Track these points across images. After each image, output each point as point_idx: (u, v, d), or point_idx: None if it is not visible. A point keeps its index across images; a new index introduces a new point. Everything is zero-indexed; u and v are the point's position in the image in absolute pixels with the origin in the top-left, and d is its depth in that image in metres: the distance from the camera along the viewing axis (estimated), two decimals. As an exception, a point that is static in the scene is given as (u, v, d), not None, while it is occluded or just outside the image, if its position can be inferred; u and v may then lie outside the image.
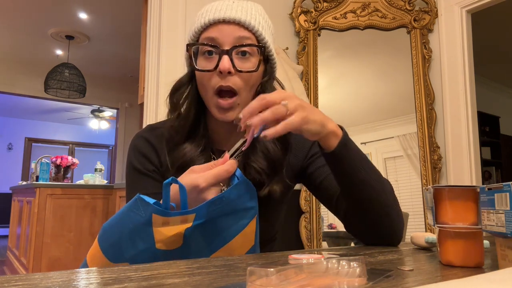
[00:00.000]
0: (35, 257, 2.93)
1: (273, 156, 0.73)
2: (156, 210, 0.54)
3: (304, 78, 2.29)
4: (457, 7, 2.27)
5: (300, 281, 0.34)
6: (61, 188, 3.18)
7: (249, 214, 0.59)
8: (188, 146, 0.73)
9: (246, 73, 0.70)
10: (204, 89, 0.72)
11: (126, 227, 0.56)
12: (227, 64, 0.67)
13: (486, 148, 4.99)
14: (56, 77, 4.40)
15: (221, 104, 0.70)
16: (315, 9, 2.36)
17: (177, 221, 0.55)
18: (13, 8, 3.89)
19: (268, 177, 0.72)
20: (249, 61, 0.71)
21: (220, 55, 0.68)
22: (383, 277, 0.40)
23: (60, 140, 8.52)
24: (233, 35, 0.69)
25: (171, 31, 1.96)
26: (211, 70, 0.69)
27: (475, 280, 0.30)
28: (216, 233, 0.58)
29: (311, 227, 2.14)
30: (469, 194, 0.50)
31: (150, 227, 0.54)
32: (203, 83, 0.72)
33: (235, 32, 0.69)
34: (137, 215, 0.55)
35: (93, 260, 0.60)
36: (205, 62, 0.70)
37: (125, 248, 0.56)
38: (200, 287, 0.37)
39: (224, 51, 0.68)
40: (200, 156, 0.73)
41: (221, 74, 0.68)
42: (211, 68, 0.69)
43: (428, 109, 2.21)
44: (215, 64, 0.68)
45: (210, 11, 0.71)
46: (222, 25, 0.69)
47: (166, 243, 0.56)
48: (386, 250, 0.66)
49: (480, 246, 0.50)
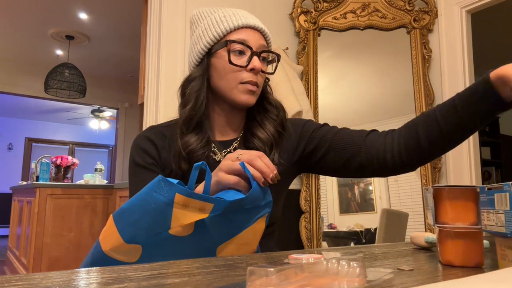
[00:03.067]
0: (35, 257, 2.93)
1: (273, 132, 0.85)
2: (180, 190, 0.58)
3: (304, 78, 2.29)
4: (457, 7, 2.27)
5: (300, 281, 0.34)
6: (61, 188, 3.18)
7: (262, 211, 0.64)
8: (194, 137, 0.81)
9: (264, 74, 0.84)
10: (229, 81, 0.82)
11: (147, 207, 0.58)
12: (259, 64, 0.81)
13: (486, 148, 4.99)
14: (56, 77, 4.40)
15: (249, 87, 0.81)
16: (315, 9, 2.36)
17: (196, 207, 0.58)
18: (13, 8, 3.89)
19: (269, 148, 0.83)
20: (268, 65, 0.86)
21: (252, 55, 0.81)
22: (383, 277, 0.40)
23: (60, 140, 8.52)
24: (259, 42, 0.83)
25: (171, 31, 1.96)
26: (243, 67, 0.81)
27: (475, 280, 0.30)
28: (228, 225, 0.61)
29: (311, 227, 2.14)
30: (469, 194, 0.50)
31: (171, 208, 0.58)
32: (229, 76, 0.82)
33: (260, 39, 0.83)
34: (159, 195, 0.58)
35: (106, 240, 0.62)
36: (237, 59, 0.81)
37: (141, 230, 0.59)
38: (200, 287, 0.37)
39: (256, 53, 0.81)
40: (203, 147, 0.81)
41: (253, 71, 0.81)
42: (243, 64, 0.81)
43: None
44: (245, 62, 0.81)
45: (238, 16, 0.83)
46: (251, 30, 0.82)
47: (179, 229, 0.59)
48: (386, 250, 0.66)
49: (480, 246, 0.50)
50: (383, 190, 2.23)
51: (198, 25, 0.87)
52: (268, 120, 0.87)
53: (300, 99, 2.02)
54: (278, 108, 0.89)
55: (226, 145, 0.87)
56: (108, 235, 0.61)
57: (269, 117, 0.87)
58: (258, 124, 0.86)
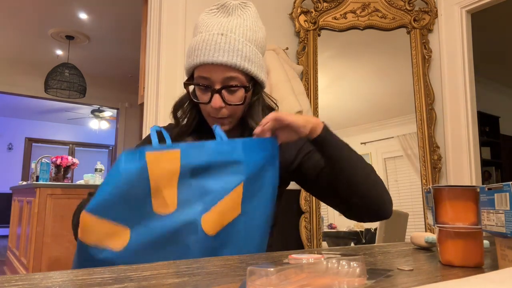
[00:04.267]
0: (35, 257, 2.93)
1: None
2: (148, 148, 0.61)
3: (304, 78, 2.29)
4: (457, 7, 2.27)
5: (300, 281, 0.34)
6: (61, 188, 3.18)
7: (234, 177, 0.66)
8: (191, 138, 0.87)
9: (234, 105, 0.83)
10: (202, 111, 0.88)
11: (123, 185, 0.60)
12: (218, 101, 0.81)
13: (486, 148, 4.99)
14: (56, 77, 4.40)
15: (219, 121, 0.85)
16: (315, 9, 2.36)
17: (167, 158, 0.62)
18: (13, 8, 3.89)
19: None
20: (237, 95, 0.83)
21: (212, 93, 0.81)
22: (383, 277, 0.40)
23: (60, 140, 8.52)
24: (222, 76, 0.80)
25: (171, 31, 1.96)
26: (206, 103, 0.83)
27: (475, 280, 0.30)
28: (206, 195, 0.64)
29: (311, 227, 2.14)
30: (469, 194, 0.50)
31: (147, 173, 0.60)
32: (201, 109, 0.88)
33: (224, 73, 0.80)
34: (132, 163, 0.60)
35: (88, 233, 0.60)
36: (201, 95, 0.85)
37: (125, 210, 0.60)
38: (200, 287, 0.37)
39: (215, 90, 0.81)
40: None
41: (213, 108, 0.82)
42: (206, 101, 0.83)
43: (428, 109, 2.21)
44: (208, 98, 0.82)
45: (202, 50, 0.80)
46: (212, 67, 0.80)
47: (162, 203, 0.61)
48: (386, 250, 0.66)
49: (480, 246, 0.50)
50: (383, 190, 2.23)
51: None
52: None
53: (300, 99, 2.02)
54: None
55: None
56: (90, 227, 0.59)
57: None
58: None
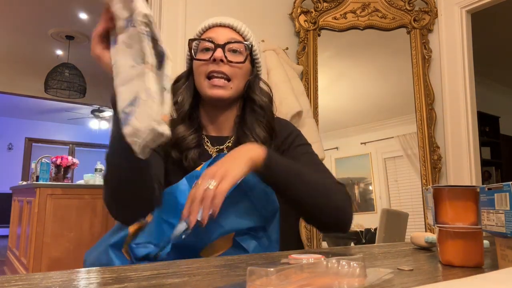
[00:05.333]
0: (35, 257, 2.92)
1: (260, 138, 0.86)
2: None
3: (304, 78, 2.29)
4: (457, 7, 2.27)
5: (300, 281, 0.34)
6: (61, 188, 3.18)
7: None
8: (182, 127, 0.86)
9: (236, 64, 0.85)
10: (198, 77, 0.87)
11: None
12: (220, 53, 0.83)
13: (486, 148, 4.99)
14: (56, 77, 4.40)
15: (213, 82, 0.84)
16: (315, 9, 2.36)
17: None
18: (13, 8, 3.89)
19: None
20: (238, 56, 0.87)
21: (215, 48, 0.84)
22: (383, 277, 0.40)
23: (60, 140, 8.51)
24: (227, 36, 0.86)
25: (171, 31, 1.96)
26: (207, 60, 0.84)
27: (475, 280, 0.30)
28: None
29: (311, 227, 2.14)
30: (469, 194, 0.50)
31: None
32: (197, 72, 0.87)
33: (228, 34, 0.87)
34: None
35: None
36: (203, 55, 0.86)
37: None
38: (200, 287, 0.37)
39: (218, 45, 0.84)
40: (192, 135, 0.85)
41: (215, 62, 0.83)
42: (207, 58, 0.84)
43: (428, 109, 2.21)
44: (211, 55, 0.84)
45: (210, 19, 0.89)
46: (219, 28, 0.88)
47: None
48: (386, 250, 0.66)
49: (480, 246, 0.50)
50: (383, 190, 2.23)
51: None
52: (257, 123, 0.88)
53: (300, 99, 2.02)
54: (264, 109, 0.89)
55: (219, 141, 0.90)
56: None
57: (258, 120, 0.88)
58: (248, 128, 0.87)
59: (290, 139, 0.90)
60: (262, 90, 0.92)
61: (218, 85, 0.84)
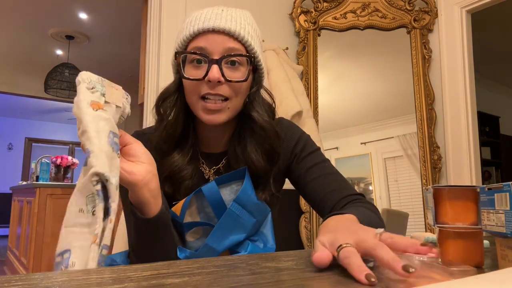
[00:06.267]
0: (35, 257, 2.92)
1: (257, 167, 0.74)
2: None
3: (304, 78, 2.29)
4: (457, 7, 2.27)
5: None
6: (61, 188, 3.18)
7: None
8: (176, 156, 0.74)
9: (235, 83, 0.70)
10: (190, 97, 0.72)
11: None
12: (217, 73, 0.67)
13: (486, 148, 4.99)
14: (56, 77, 4.40)
15: (208, 106, 0.69)
16: (315, 9, 2.36)
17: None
18: (13, 8, 3.89)
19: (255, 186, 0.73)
20: (239, 71, 0.71)
21: (210, 65, 0.68)
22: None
23: (60, 140, 8.51)
24: (223, 45, 0.69)
25: (171, 31, 1.96)
26: (200, 79, 0.69)
27: (475, 280, 0.30)
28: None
29: (311, 227, 2.14)
30: (469, 194, 0.50)
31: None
32: (188, 91, 0.72)
33: (224, 43, 0.69)
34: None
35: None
36: (193, 70, 0.70)
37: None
38: (200, 287, 0.37)
39: (213, 60, 0.68)
40: (188, 165, 0.75)
41: (210, 83, 0.68)
42: (200, 77, 0.69)
43: (428, 109, 2.21)
44: (204, 73, 0.68)
45: (199, 20, 0.70)
46: (212, 35, 0.69)
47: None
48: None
49: (480, 246, 0.50)
50: (383, 190, 2.23)
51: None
52: (256, 148, 0.75)
53: (300, 99, 2.02)
54: (265, 130, 0.75)
55: (213, 159, 0.80)
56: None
57: (258, 143, 0.75)
58: (244, 153, 0.75)
59: (297, 149, 0.81)
60: (264, 103, 0.78)
61: (213, 110, 0.69)
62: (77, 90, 0.53)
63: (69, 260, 0.48)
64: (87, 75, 0.55)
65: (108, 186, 0.51)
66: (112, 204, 0.50)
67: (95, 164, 0.50)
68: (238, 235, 0.70)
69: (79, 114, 0.52)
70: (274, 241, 0.76)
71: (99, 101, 0.54)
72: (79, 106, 0.52)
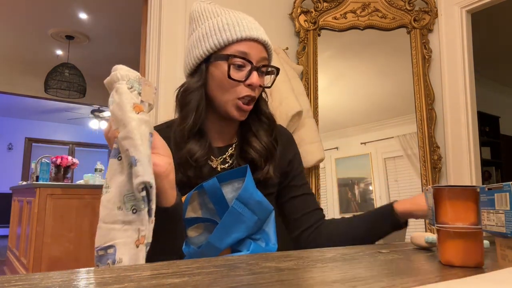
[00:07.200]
0: (35, 257, 2.92)
1: (268, 144, 0.85)
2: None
3: (304, 78, 2.29)
4: (457, 7, 2.27)
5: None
6: (61, 188, 3.18)
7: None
8: (196, 145, 0.80)
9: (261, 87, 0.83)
10: (225, 94, 0.80)
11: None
12: (258, 80, 0.79)
13: (486, 148, 4.99)
14: (56, 77, 4.40)
15: (244, 107, 0.80)
16: (315, 9, 2.36)
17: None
18: (13, 8, 3.89)
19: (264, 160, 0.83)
20: (266, 78, 0.85)
21: (251, 70, 0.79)
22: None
23: (60, 140, 8.51)
24: (260, 55, 0.80)
25: (171, 31, 1.96)
26: (242, 81, 0.79)
27: (475, 280, 0.30)
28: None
29: (311, 227, 2.14)
30: (469, 194, 0.50)
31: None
32: (226, 89, 0.80)
33: (261, 52, 0.80)
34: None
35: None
36: (236, 73, 0.79)
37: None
38: (200, 287, 0.37)
39: (255, 67, 0.79)
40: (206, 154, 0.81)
41: (250, 87, 0.79)
42: (242, 79, 0.79)
43: (428, 109, 2.21)
44: (244, 77, 0.78)
45: (242, 26, 0.79)
46: (253, 42, 0.79)
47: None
48: (385, 250, 0.66)
49: (480, 246, 0.50)
50: (383, 190, 2.23)
51: (198, 25, 0.83)
52: (263, 131, 0.86)
53: (300, 99, 2.01)
54: (270, 119, 0.88)
55: (222, 151, 0.87)
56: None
57: (264, 128, 0.86)
58: (253, 134, 0.85)
59: (295, 164, 0.93)
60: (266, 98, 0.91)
61: (245, 110, 0.81)
62: (117, 89, 0.54)
63: (115, 256, 0.51)
64: (125, 72, 0.54)
65: (150, 191, 0.53)
66: (152, 206, 0.53)
67: (142, 174, 0.51)
68: (240, 233, 0.71)
69: (122, 117, 0.52)
70: (276, 240, 0.76)
71: (138, 101, 0.54)
72: (123, 109, 0.53)
